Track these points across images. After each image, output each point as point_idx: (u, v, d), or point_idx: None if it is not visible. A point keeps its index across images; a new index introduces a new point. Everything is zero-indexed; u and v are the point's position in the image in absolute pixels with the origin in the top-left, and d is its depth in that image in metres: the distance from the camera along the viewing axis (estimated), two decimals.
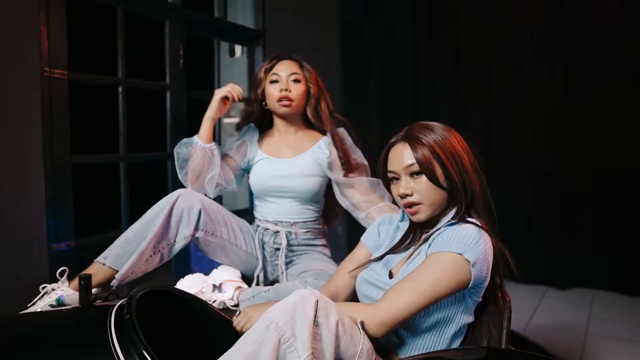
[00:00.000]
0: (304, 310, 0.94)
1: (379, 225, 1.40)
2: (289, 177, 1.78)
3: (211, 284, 1.52)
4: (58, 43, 2.06)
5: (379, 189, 1.76)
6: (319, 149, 1.80)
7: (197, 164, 1.70)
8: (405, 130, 1.22)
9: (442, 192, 1.17)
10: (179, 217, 1.62)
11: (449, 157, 1.15)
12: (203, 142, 1.71)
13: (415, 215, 1.19)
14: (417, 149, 1.15)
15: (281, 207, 1.80)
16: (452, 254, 1.05)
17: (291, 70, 1.76)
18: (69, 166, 2.12)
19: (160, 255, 1.59)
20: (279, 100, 1.74)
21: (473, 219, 1.15)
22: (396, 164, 1.19)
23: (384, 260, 1.26)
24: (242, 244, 1.77)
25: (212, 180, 1.73)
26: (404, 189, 1.17)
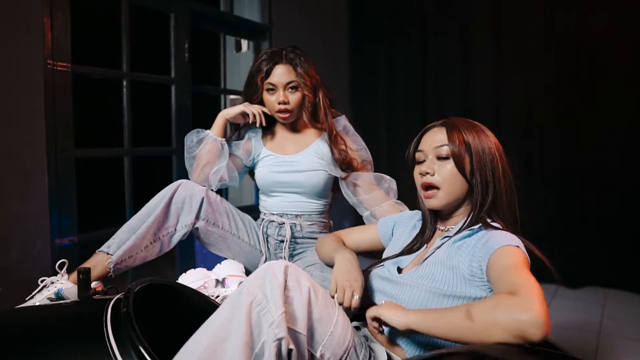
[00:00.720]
0: (274, 274, 0.95)
1: (397, 220, 1.39)
2: (294, 172, 1.76)
3: (214, 279, 1.48)
4: (61, 35, 2.04)
5: (383, 182, 1.73)
6: (323, 142, 1.78)
7: (205, 153, 1.71)
8: (445, 119, 1.21)
9: (464, 184, 1.14)
10: (180, 205, 1.62)
11: (481, 153, 1.13)
12: (215, 135, 1.73)
13: (430, 199, 1.16)
14: (453, 135, 1.14)
15: (286, 200, 1.79)
16: (509, 247, 1.00)
17: (287, 79, 1.70)
18: (72, 160, 2.10)
19: (161, 243, 1.59)
20: (277, 112, 1.73)
21: (496, 224, 1.11)
22: (427, 143, 1.18)
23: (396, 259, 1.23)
24: (245, 236, 1.75)
25: (217, 173, 1.72)
26: (426, 167, 1.15)
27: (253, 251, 1.76)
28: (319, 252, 1.46)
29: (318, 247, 1.47)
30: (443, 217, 1.21)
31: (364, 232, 1.44)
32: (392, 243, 1.33)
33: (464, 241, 1.09)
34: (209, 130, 1.75)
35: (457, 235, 1.11)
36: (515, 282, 0.88)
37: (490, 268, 0.98)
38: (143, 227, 1.54)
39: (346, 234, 1.46)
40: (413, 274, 1.12)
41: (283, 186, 1.77)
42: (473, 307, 0.87)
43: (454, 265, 1.07)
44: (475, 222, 1.11)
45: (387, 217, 1.44)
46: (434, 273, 1.08)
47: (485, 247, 1.02)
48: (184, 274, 1.51)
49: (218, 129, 1.74)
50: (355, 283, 1.16)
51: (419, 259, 1.18)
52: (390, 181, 1.75)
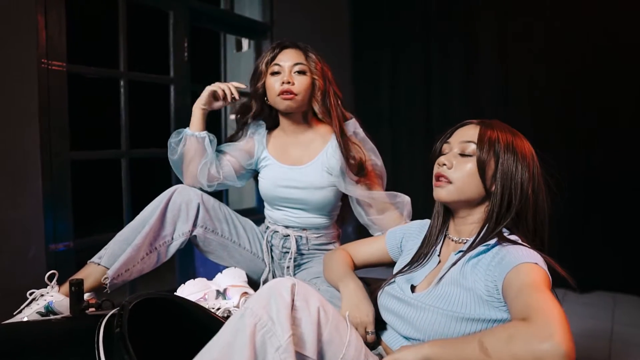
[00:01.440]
0: (279, 293, 0.87)
1: (405, 231, 1.31)
2: (299, 188, 1.62)
3: (214, 290, 1.41)
4: (56, 33, 1.97)
5: (398, 201, 1.59)
6: (332, 150, 1.60)
7: (186, 151, 1.59)
8: (486, 119, 1.13)
9: (480, 188, 1.06)
10: (176, 212, 1.53)
11: (510, 163, 1.04)
12: (192, 130, 1.60)
13: (439, 189, 1.08)
14: (484, 135, 1.06)
15: (292, 214, 1.66)
16: (527, 264, 0.91)
17: (295, 60, 1.56)
18: (67, 163, 2.04)
19: (157, 254, 1.51)
20: (280, 94, 1.55)
21: (513, 237, 1.03)
22: (457, 137, 1.11)
23: (408, 274, 1.15)
24: (246, 243, 1.66)
25: (204, 170, 1.60)
26: (446, 159, 1.08)
27: (255, 259, 1.67)
28: (324, 274, 1.38)
29: (324, 267, 1.39)
30: (457, 224, 1.12)
31: (372, 246, 1.36)
32: (403, 257, 1.25)
33: (480, 258, 1.01)
34: (187, 128, 1.62)
35: (472, 250, 1.03)
36: (532, 305, 0.79)
37: (506, 288, 0.90)
38: (138, 238, 1.45)
39: (353, 249, 1.38)
40: (428, 294, 1.04)
41: (288, 202, 1.64)
42: (487, 338, 0.78)
43: (470, 286, 0.98)
44: (490, 234, 1.03)
45: (395, 228, 1.35)
46: (450, 294, 1.00)
47: (501, 265, 0.94)
48: (183, 285, 1.43)
49: (196, 123, 1.60)
50: (367, 318, 1.11)
51: (432, 276, 1.10)
52: (404, 200, 1.60)
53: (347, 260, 1.33)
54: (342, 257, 1.33)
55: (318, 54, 1.63)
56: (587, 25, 2.97)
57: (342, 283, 1.22)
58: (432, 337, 0.98)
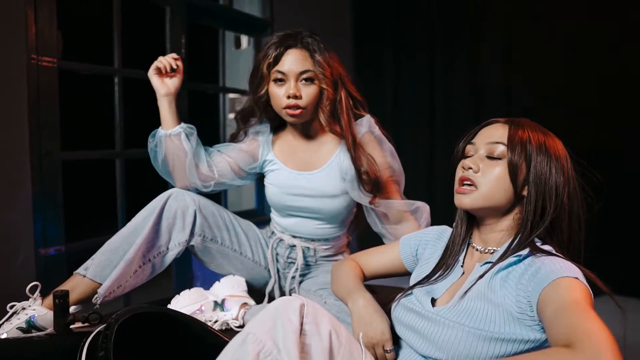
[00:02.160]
0: (286, 316, 0.79)
1: (421, 238, 1.20)
2: (310, 197, 1.49)
3: (212, 301, 1.32)
4: (47, 28, 1.89)
5: (416, 210, 1.48)
6: (345, 153, 1.47)
7: (167, 154, 1.46)
8: (510, 118, 1.03)
9: (509, 194, 0.96)
10: (171, 220, 1.42)
11: (544, 166, 0.95)
12: (164, 130, 1.45)
13: (462, 196, 0.98)
14: (515, 136, 0.96)
15: (301, 224, 1.54)
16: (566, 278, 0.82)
17: (301, 68, 1.39)
18: (59, 163, 1.95)
19: (152, 265, 1.39)
20: (286, 108, 1.41)
21: (546, 246, 0.94)
22: (482, 137, 1.00)
23: (427, 286, 1.05)
24: (248, 251, 1.54)
25: (192, 169, 1.46)
26: (471, 162, 0.98)
27: (258, 267, 1.57)
28: (332, 286, 1.27)
29: (332, 278, 1.28)
30: (482, 232, 1.03)
31: (384, 255, 1.25)
32: (420, 267, 1.15)
33: (510, 270, 0.91)
34: (160, 128, 1.47)
35: (502, 262, 0.93)
36: (577, 328, 0.69)
37: (543, 306, 0.79)
38: (131, 251, 1.33)
39: (363, 259, 1.27)
40: (451, 309, 0.94)
41: (298, 210, 1.52)
42: None
43: (499, 301, 0.89)
44: (522, 245, 0.94)
45: (409, 235, 1.24)
46: (476, 310, 0.90)
47: (536, 279, 0.84)
48: (178, 296, 1.34)
49: (165, 118, 1.45)
50: (383, 336, 1.03)
51: (455, 288, 1.00)
52: (423, 209, 1.49)
53: (356, 272, 1.23)
54: (350, 269, 1.23)
55: (326, 50, 1.45)
56: (595, 25, 2.88)
57: (351, 299, 1.13)
58: (455, 357, 0.88)
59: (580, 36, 2.92)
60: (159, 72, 1.45)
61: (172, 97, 1.46)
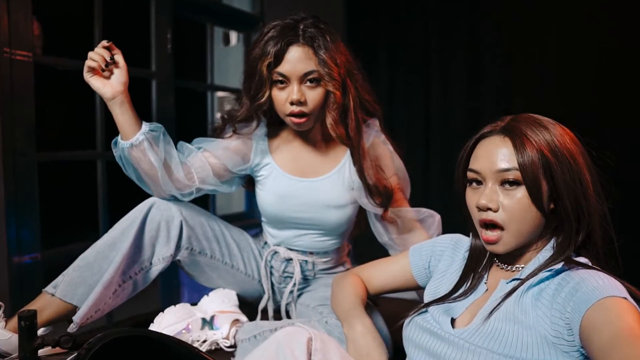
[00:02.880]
0: (291, 352, 0.70)
1: (433, 248, 1.09)
2: (312, 207, 1.36)
3: (200, 318, 1.20)
4: (21, 19, 1.76)
5: (426, 218, 1.38)
6: (350, 162, 1.35)
7: (135, 164, 1.28)
8: (507, 121, 0.89)
9: (538, 218, 0.85)
10: (154, 232, 1.28)
11: (565, 169, 0.83)
12: (123, 140, 1.25)
13: (494, 245, 0.87)
14: (523, 151, 0.83)
15: (299, 237, 1.42)
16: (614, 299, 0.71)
17: (305, 69, 1.24)
18: (34, 165, 1.83)
19: (133, 282, 1.26)
20: (289, 115, 1.27)
21: (581, 258, 0.84)
22: (486, 163, 0.87)
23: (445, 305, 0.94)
24: (240, 264, 1.41)
25: (165, 180, 1.27)
26: (487, 200, 0.85)
27: (250, 281, 1.44)
28: (331, 303, 1.16)
29: (332, 294, 1.17)
30: (506, 255, 0.92)
31: (391, 267, 1.13)
32: (435, 282, 1.03)
33: (542, 287, 0.82)
34: (119, 137, 1.28)
35: (532, 278, 0.83)
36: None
37: (589, 333, 0.69)
38: (110, 270, 1.18)
39: (368, 273, 1.15)
40: (475, 332, 0.83)
41: (296, 222, 1.39)
42: None
43: (531, 323, 0.78)
44: (556, 260, 0.83)
45: (419, 245, 1.13)
46: (505, 333, 0.79)
47: (575, 298, 0.74)
48: (162, 314, 1.21)
49: (122, 125, 1.24)
50: None
51: (477, 306, 0.90)
52: (434, 218, 1.38)
53: (357, 290, 1.10)
54: (351, 286, 1.11)
55: (332, 42, 1.29)
56: (595, 25, 2.81)
57: (347, 323, 1.01)
58: None
59: (585, 36, 2.85)
60: (95, 72, 1.25)
61: (122, 97, 1.23)
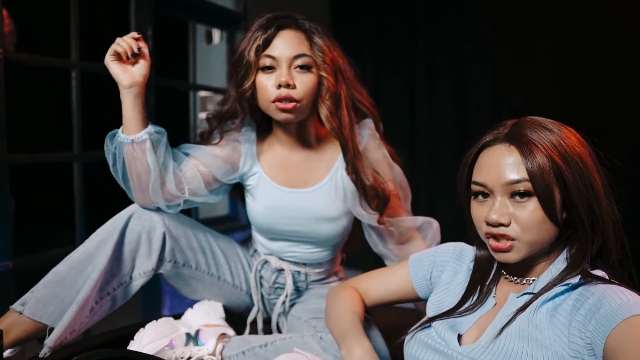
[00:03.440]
0: None
1: (435, 258, 1.03)
2: (304, 221, 1.27)
3: (184, 333, 1.12)
4: None
5: (425, 227, 1.31)
6: (342, 168, 1.26)
7: (128, 163, 1.16)
8: (510, 127, 0.84)
9: (552, 228, 0.80)
10: (135, 244, 1.17)
11: (576, 174, 0.78)
12: (125, 133, 1.14)
13: (504, 254, 0.81)
14: (532, 159, 0.78)
15: (291, 248, 1.34)
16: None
17: (296, 51, 1.15)
18: (5, 168, 1.72)
19: (112, 299, 1.16)
20: (275, 101, 1.16)
21: (598, 272, 0.79)
22: (492, 175, 0.81)
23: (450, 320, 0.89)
24: (227, 275, 1.33)
25: (156, 189, 1.17)
26: (497, 215, 0.80)
27: (238, 293, 1.36)
28: (326, 319, 1.09)
29: (326, 309, 1.10)
30: (516, 267, 0.87)
31: (390, 279, 1.07)
32: (438, 294, 0.97)
33: (558, 302, 0.76)
34: (120, 129, 1.17)
35: (547, 292, 0.78)
36: None
37: (614, 354, 0.64)
38: (85, 288, 1.08)
39: (364, 285, 1.09)
40: (484, 350, 0.78)
41: (288, 234, 1.31)
42: None
43: (547, 342, 0.73)
44: (574, 273, 0.78)
45: (420, 254, 1.06)
46: (519, 352, 0.74)
47: (598, 317, 0.69)
48: (142, 329, 1.12)
49: (129, 117, 1.13)
50: None
51: (486, 322, 0.84)
52: (432, 225, 1.31)
53: (354, 306, 1.03)
54: (347, 301, 1.04)
55: (327, 35, 1.22)
56: (587, 24, 2.79)
57: (345, 345, 0.94)
58: None
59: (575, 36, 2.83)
60: (119, 58, 1.17)
61: (139, 89, 1.14)
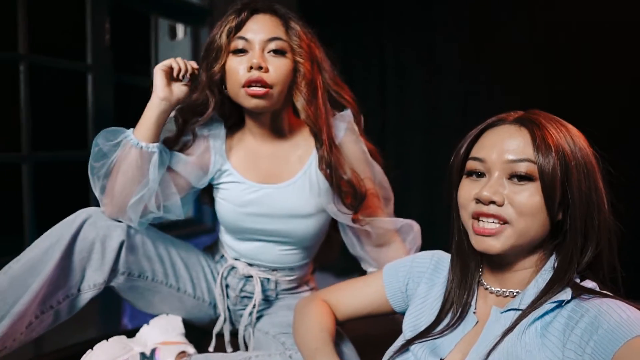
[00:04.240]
0: None
1: (410, 269, 0.95)
2: (277, 218, 1.19)
3: (138, 353, 1.02)
4: None
5: (405, 229, 1.24)
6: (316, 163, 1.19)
7: (120, 165, 1.07)
8: (522, 114, 0.76)
9: (546, 224, 0.73)
10: (86, 254, 1.06)
11: (582, 177, 0.71)
12: (137, 136, 1.07)
13: (489, 239, 0.73)
14: (543, 145, 0.71)
15: (261, 250, 1.24)
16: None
17: (270, 34, 1.09)
18: None
19: (55, 313, 1.04)
20: (246, 86, 1.08)
21: (589, 283, 0.72)
22: (494, 150, 0.74)
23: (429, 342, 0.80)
24: (188, 286, 1.22)
25: (139, 204, 1.08)
26: (491, 192, 0.72)
27: (200, 305, 1.25)
28: (294, 335, 1.00)
29: (294, 325, 1.01)
30: (498, 271, 0.79)
31: (363, 290, 0.99)
32: (414, 309, 0.89)
33: (548, 320, 0.69)
34: (130, 130, 1.09)
35: (535, 309, 0.70)
36: None
37: None
38: (24, 299, 0.96)
39: (335, 298, 1.00)
40: None
41: (259, 233, 1.22)
42: None
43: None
44: (563, 285, 0.71)
45: (394, 264, 0.99)
46: None
47: (598, 338, 0.62)
48: (90, 351, 1.01)
49: (149, 126, 1.07)
50: None
51: (468, 342, 0.76)
52: (412, 227, 1.24)
53: (325, 321, 0.95)
54: (317, 316, 0.96)
55: (303, 23, 1.16)
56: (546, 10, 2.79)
57: None
58: None
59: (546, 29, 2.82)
60: (169, 72, 1.10)
61: (169, 107, 1.09)
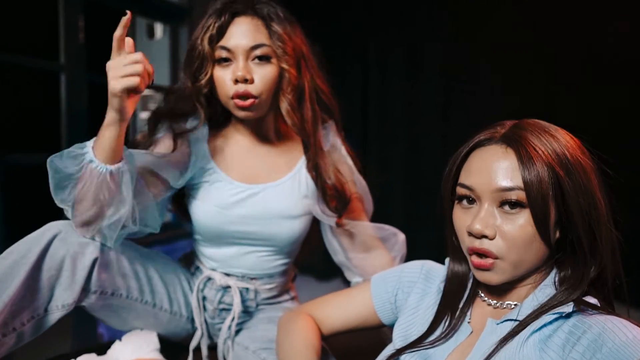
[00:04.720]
0: None
1: (400, 279, 0.91)
2: (263, 220, 1.13)
3: None
4: None
5: (389, 237, 1.20)
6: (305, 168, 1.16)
7: (91, 194, 0.94)
8: (509, 127, 0.72)
9: (543, 247, 0.69)
10: (55, 271, 0.96)
11: (578, 189, 0.67)
12: (101, 160, 0.92)
13: (486, 273, 0.70)
14: (530, 165, 0.67)
15: (241, 256, 1.17)
16: None
17: (252, 42, 1.04)
18: None
19: (18, 335, 0.95)
20: (234, 97, 1.05)
21: (590, 299, 0.68)
22: (482, 178, 0.70)
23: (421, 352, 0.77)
24: (165, 302, 1.14)
25: (117, 224, 0.98)
26: (482, 226, 0.69)
27: (177, 320, 1.17)
28: (277, 351, 0.94)
29: (277, 341, 0.95)
30: (495, 287, 0.76)
31: (350, 303, 0.94)
32: (404, 320, 0.85)
33: (548, 333, 0.66)
34: (89, 145, 0.94)
35: (534, 321, 0.67)
36: None
37: None
38: None
39: (321, 311, 0.95)
40: None
41: (241, 237, 1.15)
42: None
43: None
44: (567, 300, 0.68)
45: (383, 274, 0.94)
46: None
47: (600, 356, 0.59)
48: None
49: (112, 147, 0.92)
50: None
51: (461, 353, 0.73)
52: (397, 237, 1.21)
53: (310, 337, 0.90)
54: (302, 332, 0.90)
55: (287, 21, 1.09)
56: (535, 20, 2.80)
57: None
58: None
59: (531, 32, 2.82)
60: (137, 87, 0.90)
61: (126, 125, 0.95)
